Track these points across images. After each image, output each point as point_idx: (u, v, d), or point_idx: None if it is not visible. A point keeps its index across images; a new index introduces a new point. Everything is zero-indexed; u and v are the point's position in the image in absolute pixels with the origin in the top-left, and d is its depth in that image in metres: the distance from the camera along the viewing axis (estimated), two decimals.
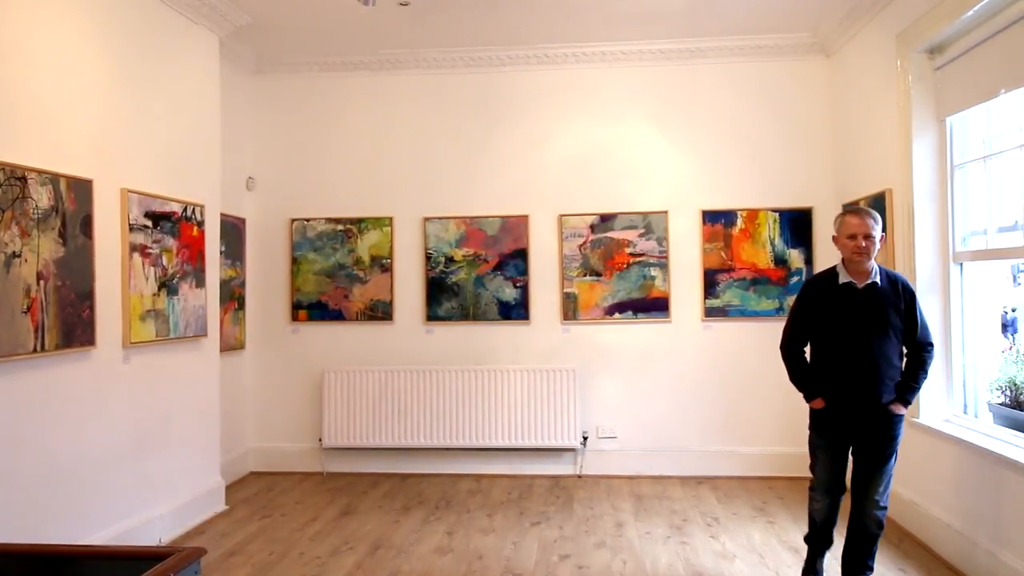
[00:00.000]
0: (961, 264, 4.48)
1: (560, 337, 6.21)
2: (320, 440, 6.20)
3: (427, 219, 6.29)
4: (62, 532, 3.73)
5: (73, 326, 3.81)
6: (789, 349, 3.79)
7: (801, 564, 3.92)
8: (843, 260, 3.60)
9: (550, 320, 6.22)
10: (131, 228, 4.31)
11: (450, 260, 6.28)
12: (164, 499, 4.66)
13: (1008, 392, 4.20)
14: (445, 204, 6.30)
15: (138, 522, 4.36)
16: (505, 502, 5.42)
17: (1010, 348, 4.46)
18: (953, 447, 4.20)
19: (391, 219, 6.33)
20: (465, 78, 6.32)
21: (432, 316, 6.29)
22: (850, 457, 3.66)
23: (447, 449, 6.16)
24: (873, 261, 3.55)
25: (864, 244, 3.42)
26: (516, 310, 6.23)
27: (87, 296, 3.93)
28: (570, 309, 6.19)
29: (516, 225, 6.24)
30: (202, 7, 4.98)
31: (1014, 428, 3.97)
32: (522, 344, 6.24)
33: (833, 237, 3.66)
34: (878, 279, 3.51)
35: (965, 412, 4.45)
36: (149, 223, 4.50)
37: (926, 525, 4.47)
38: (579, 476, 6.09)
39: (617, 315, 6.15)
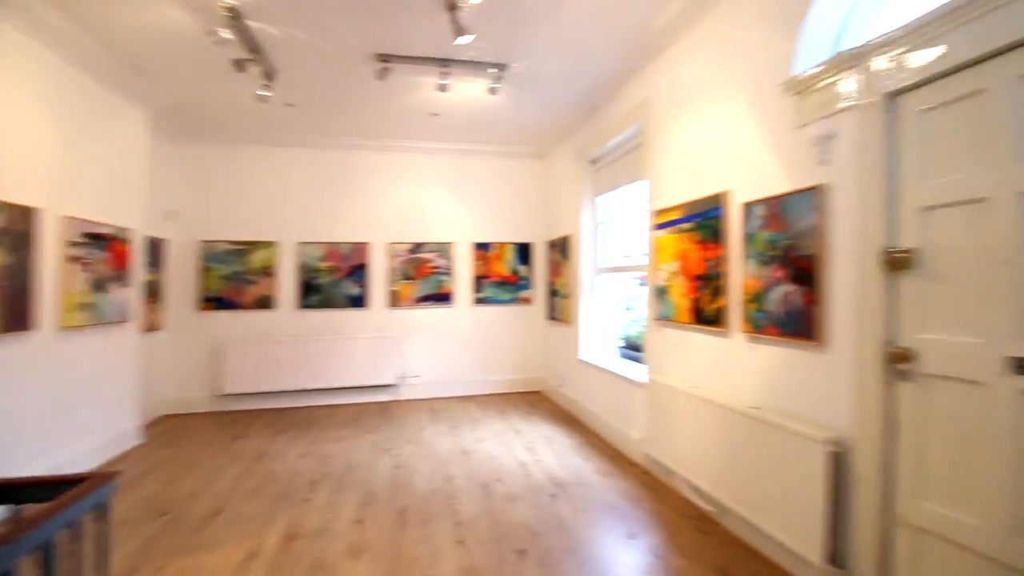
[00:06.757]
0: (603, 273, 4.94)
1: (388, 316, 6.05)
2: (217, 390, 5.51)
3: (301, 243, 5.86)
4: (7, 467, 3.00)
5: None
6: None
7: (520, 442, 3.83)
8: None
9: (381, 307, 6.03)
10: (71, 244, 3.55)
11: (316, 270, 5.90)
12: (92, 437, 3.90)
13: (625, 342, 4.81)
14: (315, 233, 5.90)
15: (71, 455, 3.61)
16: (348, 421, 5.16)
17: (628, 319, 5.07)
18: (598, 371, 4.60)
19: (276, 243, 5.80)
20: (330, 154, 5.92)
21: (304, 305, 5.86)
22: None
23: (311, 390, 5.75)
24: None
25: None
26: (358, 301, 5.98)
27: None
28: (394, 300, 6.07)
29: (361, 248, 6.00)
30: (134, 91, 4.22)
31: (628, 359, 4.52)
32: (362, 322, 5.99)
33: None
34: None
35: (606, 351, 4.92)
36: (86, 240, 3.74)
37: (587, 417, 4.84)
38: (396, 401, 5.97)
39: (422, 304, 6.11)
